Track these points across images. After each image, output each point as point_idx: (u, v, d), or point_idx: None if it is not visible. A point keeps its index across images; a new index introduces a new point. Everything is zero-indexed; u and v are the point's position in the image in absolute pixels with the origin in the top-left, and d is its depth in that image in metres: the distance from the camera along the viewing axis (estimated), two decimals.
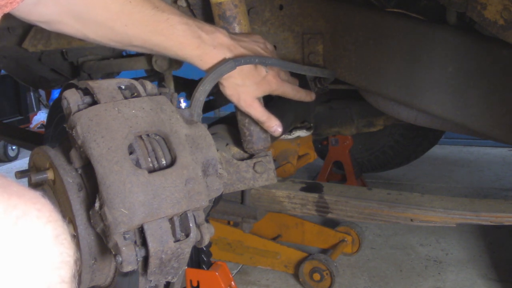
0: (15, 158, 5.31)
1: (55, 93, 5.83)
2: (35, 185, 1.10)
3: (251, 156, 1.49)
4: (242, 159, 1.47)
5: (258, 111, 1.30)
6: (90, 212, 0.94)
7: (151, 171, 0.94)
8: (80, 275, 1.04)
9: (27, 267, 0.58)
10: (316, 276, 2.36)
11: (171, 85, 1.92)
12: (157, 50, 1.22)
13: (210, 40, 1.21)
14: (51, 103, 5.63)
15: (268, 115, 1.31)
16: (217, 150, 1.10)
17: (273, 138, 1.60)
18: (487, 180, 3.72)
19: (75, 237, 1.00)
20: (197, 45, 1.20)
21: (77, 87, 1.02)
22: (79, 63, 2.30)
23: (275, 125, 1.32)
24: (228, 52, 1.22)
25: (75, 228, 1.00)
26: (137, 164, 0.94)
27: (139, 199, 0.89)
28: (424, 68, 1.54)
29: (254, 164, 1.43)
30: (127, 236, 0.90)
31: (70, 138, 0.97)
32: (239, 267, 2.66)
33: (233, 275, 2.37)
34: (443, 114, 1.57)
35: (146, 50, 1.24)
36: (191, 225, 0.95)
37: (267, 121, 1.31)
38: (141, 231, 0.91)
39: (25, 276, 0.57)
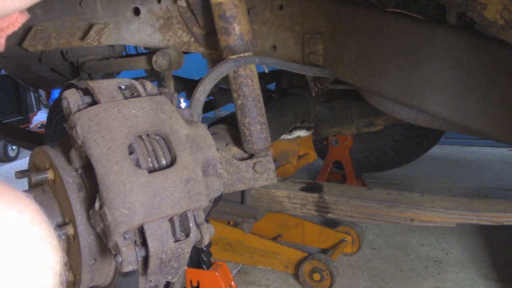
0: (15, 158, 5.31)
1: (55, 93, 5.82)
2: (35, 185, 1.10)
3: (251, 156, 1.49)
4: (242, 159, 1.47)
5: None
6: (90, 212, 0.94)
7: (151, 171, 0.94)
8: (80, 275, 1.04)
9: (2, 274, 0.51)
10: (316, 276, 2.36)
11: (171, 85, 1.91)
12: None
13: None
14: (51, 103, 5.63)
15: None
16: (217, 150, 1.10)
17: (273, 138, 1.60)
18: (487, 180, 3.72)
19: (75, 237, 1.00)
20: None
21: (77, 87, 1.02)
22: (79, 63, 2.29)
23: None
24: None
25: (75, 228, 1.00)
26: (137, 164, 0.94)
27: (139, 199, 0.89)
28: (424, 68, 1.54)
29: (254, 164, 1.43)
30: (127, 236, 0.90)
31: (70, 138, 0.97)
32: (239, 267, 2.66)
33: (233, 275, 2.37)
34: (443, 114, 1.57)
35: None
36: (191, 225, 0.95)
37: None
38: (141, 231, 0.91)
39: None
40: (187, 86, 2.46)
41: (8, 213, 0.54)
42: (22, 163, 5.15)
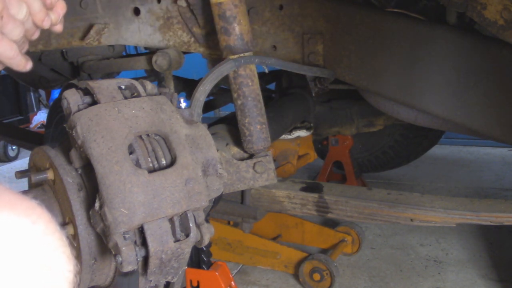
0: (15, 158, 5.31)
1: (55, 93, 5.82)
2: (35, 185, 1.10)
3: (251, 156, 1.49)
4: (242, 159, 1.47)
5: None
6: (90, 212, 0.94)
7: (151, 171, 0.94)
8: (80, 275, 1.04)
9: (18, 285, 0.51)
10: (316, 276, 2.36)
11: (171, 85, 1.91)
12: None
13: None
14: (51, 103, 5.63)
15: None
16: (217, 150, 1.10)
17: (273, 138, 1.60)
18: (487, 180, 3.72)
19: (75, 237, 1.00)
20: None
21: (77, 87, 1.02)
22: (79, 63, 2.29)
23: None
24: None
25: (75, 228, 1.00)
26: (137, 164, 0.94)
27: (139, 199, 0.89)
28: (424, 68, 1.54)
29: (254, 164, 1.43)
30: (127, 236, 0.89)
31: (70, 138, 0.97)
32: (239, 267, 2.66)
33: (233, 275, 2.37)
34: (443, 114, 1.57)
35: None
36: (191, 225, 0.95)
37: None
38: (141, 231, 0.91)
39: None
40: (187, 86, 2.46)
41: (22, 224, 0.54)
42: (22, 163, 5.15)
